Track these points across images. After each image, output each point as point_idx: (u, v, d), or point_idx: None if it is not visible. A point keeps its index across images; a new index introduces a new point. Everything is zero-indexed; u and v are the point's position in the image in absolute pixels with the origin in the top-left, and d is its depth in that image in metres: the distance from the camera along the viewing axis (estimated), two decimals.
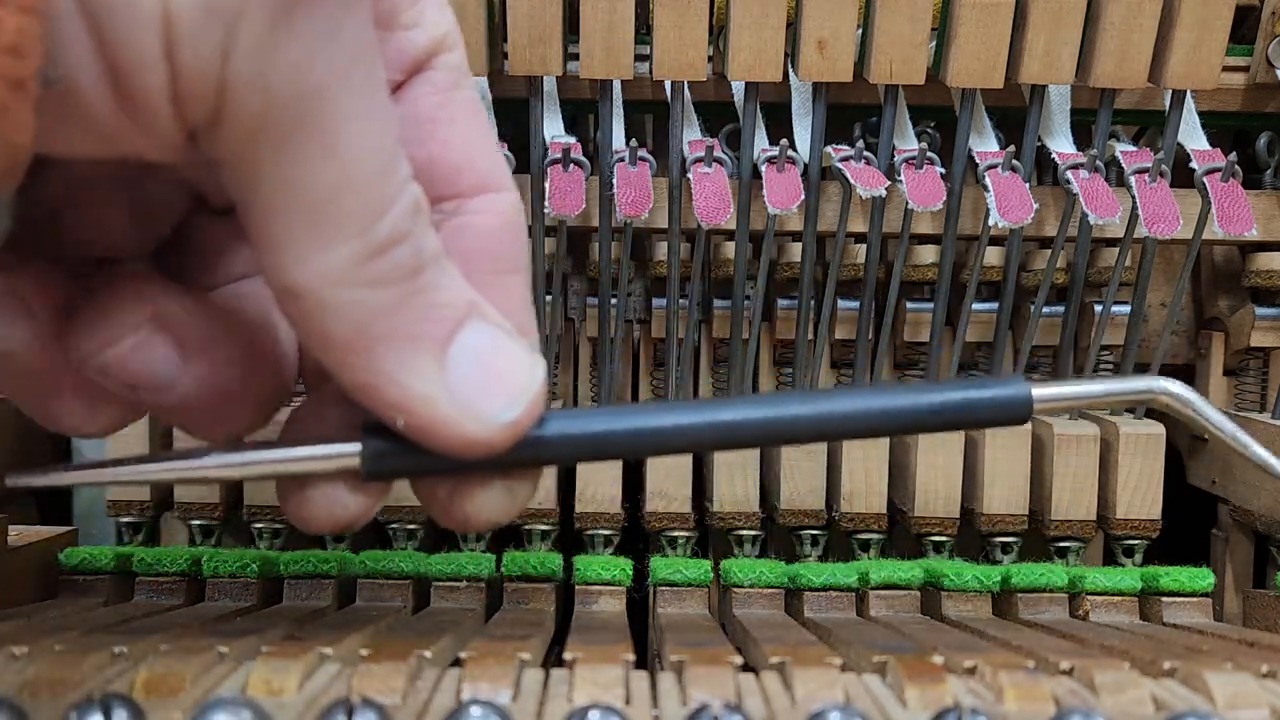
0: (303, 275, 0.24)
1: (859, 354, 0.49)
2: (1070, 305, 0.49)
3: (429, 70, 0.30)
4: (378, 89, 0.25)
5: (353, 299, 0.25)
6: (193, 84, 0.22)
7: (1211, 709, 0.29)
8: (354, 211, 0.24)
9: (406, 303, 0.26)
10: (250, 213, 0.24)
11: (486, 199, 0.31)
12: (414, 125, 0.30)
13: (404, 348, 0.26)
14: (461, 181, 0.30)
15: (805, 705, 0.29)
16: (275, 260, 0.25)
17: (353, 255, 0.24)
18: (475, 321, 0.27)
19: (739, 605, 0.46)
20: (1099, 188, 0.45)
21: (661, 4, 0.43)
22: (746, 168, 0.47)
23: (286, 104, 0.23)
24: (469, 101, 0.31)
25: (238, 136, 0.23)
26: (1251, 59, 0.49)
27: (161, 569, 0.45)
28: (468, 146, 0.30)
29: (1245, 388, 0.52)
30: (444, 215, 0.31)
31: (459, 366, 0.27)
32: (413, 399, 0.26)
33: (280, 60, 0.22)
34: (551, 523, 0.47)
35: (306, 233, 0.24)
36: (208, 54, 0.21)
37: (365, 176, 0.24)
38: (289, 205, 0.24)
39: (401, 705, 0.28)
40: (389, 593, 0.45)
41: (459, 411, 0.27)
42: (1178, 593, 0.46)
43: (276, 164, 0.23)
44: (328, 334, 0.25)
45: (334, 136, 0.23)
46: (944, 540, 0.48)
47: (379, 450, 0.28)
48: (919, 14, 0.44)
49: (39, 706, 0.27)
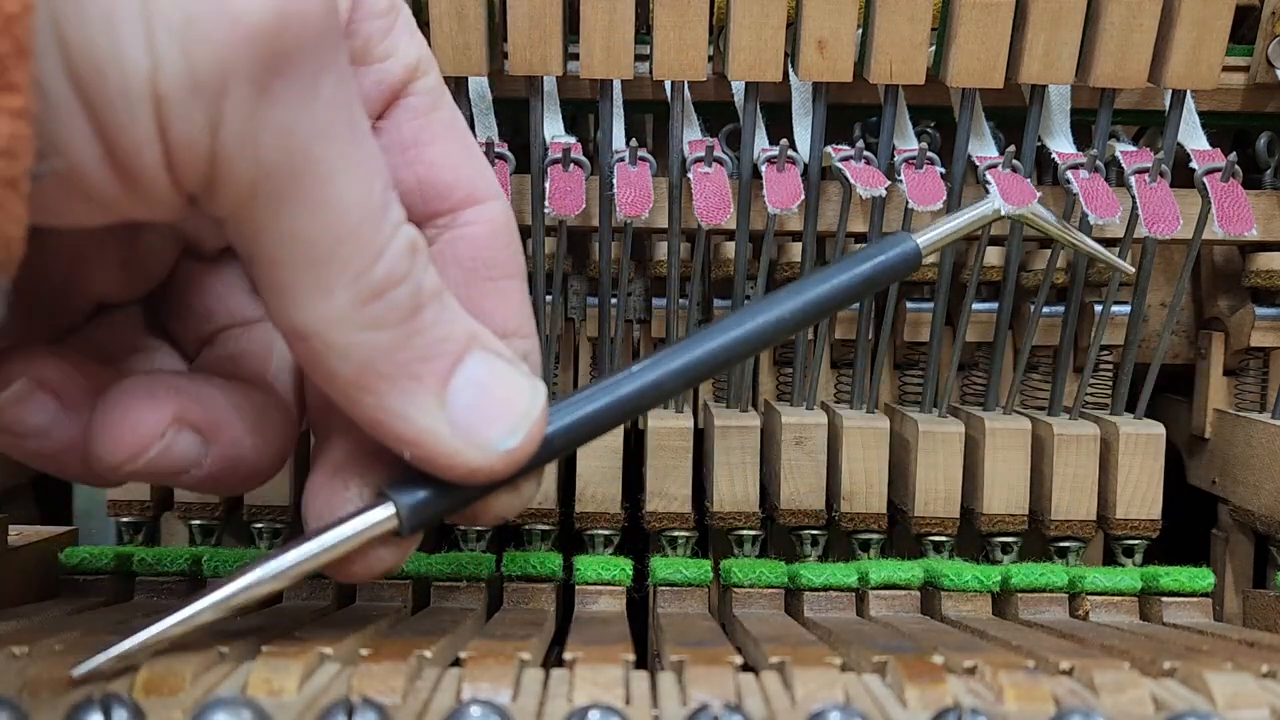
0: (306, 319, 0.26)
1: (859, 353, 0.49)
2: (1070, 305, 0.49)
3: (407, 96, 0.31)
4: (362, 139, 0.26)
5: (355, 340, 0.26)
6: (186, 157, 0.23)
7: (1211, 709, 0.29)
8: (350, 258, 0.25)
9: (407, 342, 0.27)
10: (254, 264, 0.26)
11: (476, 210, 0.32)
12: (399, 150, 0.31)
13: (406, 385, 0.27)
14: (452, 196, 0.32)
15: (805, 705, 0.29)
16: (280, 307, 0.26)
17: (351, 300, 0.26)
18: (476, 353, 0.29)
19: (739, 605, 0.46)
20: (1099, 188, 0.45)
21: (662, 4, 0.43)
22: (746, 168, 0.47)
23: (276, 166, 0.24)
24: (448, 121, 0.32)
25: (233, 199, 0.24)
26: (1251, 59, 0.49)
27: (162, 569, 0.45)
28: (452, 163, 0.32)
29: (1245, 388, 0.52)
30: (439, 230, 0.32)
31: (460, 399, 0.28)
32: (417, 433, 0.28)
33: (265, 127, 0.24)
34: (551, 523, 0.47)
35: (307, 280, 0.25)
36: (198, 129, 0.23)
37: (358, 225, 0.25)
38: (288, 257, 0.25)
39: (401, 705, 0.28)
40: (389, 592, 0.45)
41: (462, 442, 0.28)
42: (1178, 593, 0.46)
43: (273, 221, 0.25)
44: (334, 373, 0.27)
45: (324, 191, 0.25)
46: (944, 540, 0.48)
47: (411, 506, 0.29)
48: (919, 14, 0.44)
49: (39, 706, 0.27)
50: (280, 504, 0.47)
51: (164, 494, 0.48)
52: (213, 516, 0.47)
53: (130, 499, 0.48)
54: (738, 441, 0.47)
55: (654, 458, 0.47)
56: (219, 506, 0.47)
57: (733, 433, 0.47)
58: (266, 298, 0.26)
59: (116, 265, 0.32)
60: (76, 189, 0.23)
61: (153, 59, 0.22)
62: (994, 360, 0.50)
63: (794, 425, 0.47)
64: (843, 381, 0.53)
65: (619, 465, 0.47)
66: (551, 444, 0.30)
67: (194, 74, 0.22)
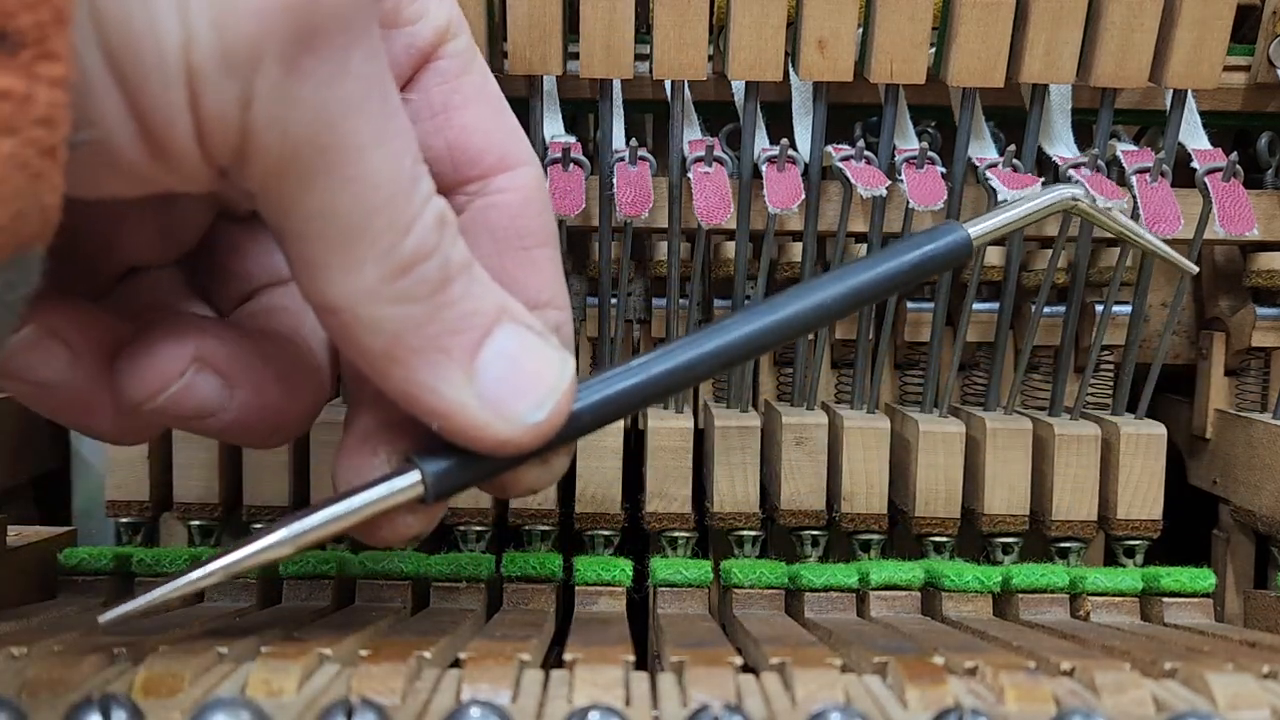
0: (336, 294, 0.26)
1: (859, 353, 0.49)
2: (1071, 305, 0.49)
3: (437, 60, 0.31)
4: (392, 113, 0.26)
5: (384, 314, 0.26)
6: (217, 131, 0.23)
7: (1212, 710, 0.29)
8: (380, 233, 0.26)
9: (435, 316, 0.27)
10: (284, 238, 0.26)
11: (508, 176, 0.32)
12: (428, 115, 0.31)
13: (435, 358, 0.27)
14: (482, 163, 0.31)
15: (805, 706, 0.29)
16: (310, 281, 0.26)
17: (381, 274, 0.26)
18: (505, 325, 0.29)
19: (739, 606, 0.46)
20: (1101, 182, 0.45)
21: (662, 3, 0.43)
22: (747, 167, 0.47)
23: (306, 140, 0.24)
24: (479, 84, 0.32)
25: (264, 173, 0.24)
26: (1252, 58, 0.49)
27: (161, 569, 0.45)
28: (483, 129, 0.31)
29: (1246, 388, 0.52)
30: (470, 197, 0.32)
31: (489, 372, 0.28)
32: (445, 406, 0.28)
33: (296, 101, 0.24)
34: (551, 523, 0.47)
35: (337, 255, 0.25)
36: (229, 103, 0.23)
37: (388, 200, 0.25)
38: (319, 231, 0.25)
39: (401, 706, 0.28)
40: (388, 593, 0.45)
41: (490, 415, 0.28)
42: (1179, 593, 0.46)
43: (303, 195, 0.25)
44: (364, 347, 0.27)
45: (355, 166, 0.25)
46: (945, 541, 0.48)
47: (437, 473, 0.29)
48: (919, 13, 0.44)
49: (38, 707, 0.27)
50: (280, 504, 0.47)
51: (163, 495, 0.48)
52: (212, 517, 0.47)
53: (129, 500, 0.47)
54: (738, 442, 0.47)
55: (654, 458, 0.47)
56: (218, 507, 0.47)
57: (733, 433, 0.47)
58: (296, 272, 0.26)
59: (151, 230, 0.32)
60: (109, 161, 0.23)
61: (186, 32, 0.22)
62: (995, 360, 0.50)
63: (794, 425, 0.47)
64: (843, 381, 0.53)
65: (619, 466, 0.47)
66: (580, 420, 0.30)
67: (226, 48, 0.23)
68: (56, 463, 0.55)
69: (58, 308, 0.29)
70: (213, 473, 0.47)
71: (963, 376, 0.53)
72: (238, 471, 0.47)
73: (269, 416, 0.31)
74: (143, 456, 0.47)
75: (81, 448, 0.55)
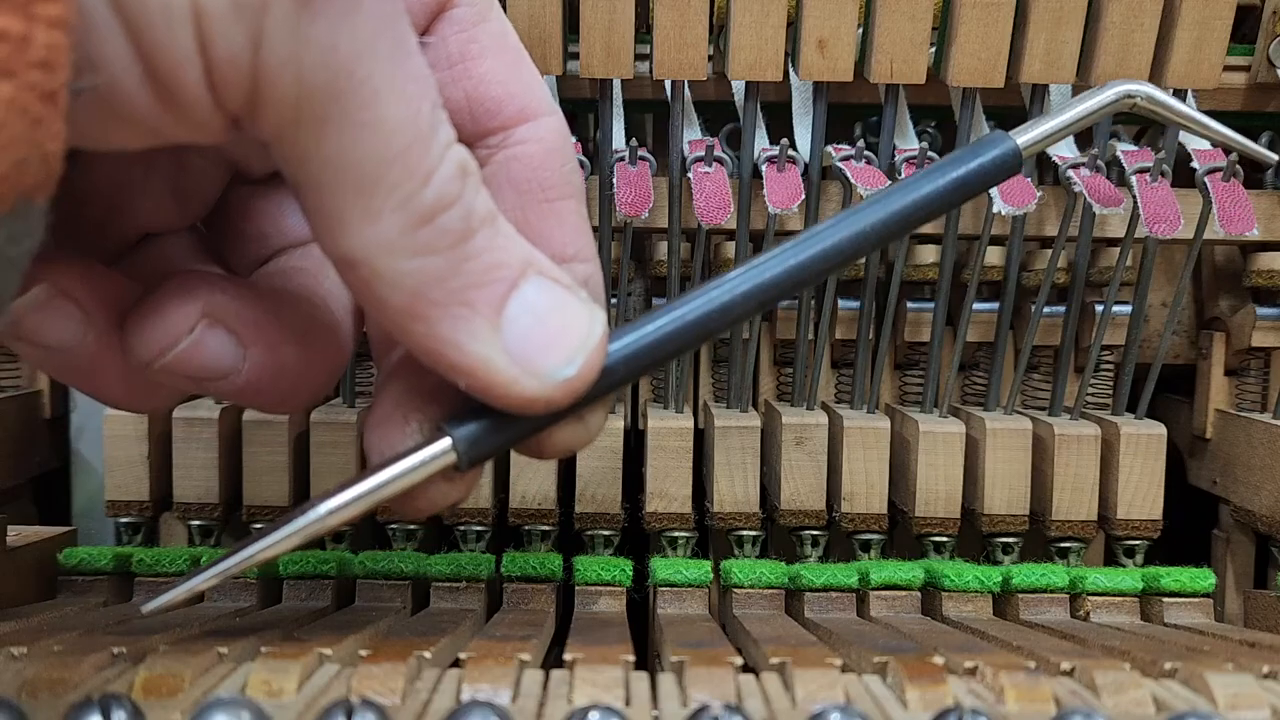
0: (355, 246, 0.25)
1: (859, 353, 0.49)
2: (1071, 305, 0.49)
3: (453, 8, 0.30)
4: (408, 55, 0.25)
5: (406, 267, 0.25)
6: (227, 76, 0.23)
7: (1212, 710, 0.29)
8: (398, 182, 0.25)
9: (459, 268, 0.26)
10: (301, 189, 0.25)
11: (529, 127, 0.31)
12: (446, 66, 0.30)
13: (459, 312, 0.26)
14: (502, 113, 0.31)
15: (806, 706, 0.29)
16: (329, 233, 0.25)
17: (401, 224, 0.25)
18: (532, 278, 0.27)
19: (739, 606, 0.46)
20: (1100, 182, 0.45)
21: (662, 3, 0.43)
22: (747, 167, 0.47)
23: (319, 84, 0.23)
24: (497, 33, 0.31)
25: (278, 119, 0.23)
26: (1252, 58, 0.49)
27: (160, 569, 0.45)
28: (502, 78, 0.31)
29: (1246, 388, 0.52)
30: (491, 149, 0.31)
31: (516, 326, 0.27)
32: (471, 362, 0.27)
33: (308, 43, 0.23)
34: (551, 523, 0.47)
35: (355, 205, 0.25)
36: (239, 46, 0.22)
37: (406, 147, 0.24)
38: (335, 180, 0.24)
39: (401, 706, 0.28)
40: (388, 593, 0.45)
41: (519, 371, 0.27)
42: (1179, 593, 0.46)
43: (319, 142, 0.24)
44: (385, 301, 0.26)
45: (370, 112, 0.24)
46: (945, 541, 0.48)
47: (468, 439, 0.28)
48: (920, 13, 0.44)
49: (38, 707, 0.27)
50: (279, 505, 0.47)
51: (163, 495, 0.48)
52: (211, 517, 0.47)
53: (129, 499, 0.47)
54: (738, 442, 0.47)
55: (654, 458, 0.47)
56: (218, 507, 0.47)
57: (733, 433, 0.47)
58: (314, 224, 0.25)
59: (164, 192, 0.31)
60: (116, 110, 0.23)
61: None
62: (995, 360, 0.50)
63: (794, 425, 0.47)
64: (843, 381, 0.53)
65: (619, 465, 0.47)
66: (614, 373, 0.29)
67: None
68: (56, 463, 0.55)
69: (69, 267, 0.28)
70: (213, 473, 0.47)
71: (963, 376, 0.53)
72: (238, 472, 0.47)
73: (286, 378, 0.30)
74: (143, 456, 0.47)
75: (82, 448, 0.55)
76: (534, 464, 0.47)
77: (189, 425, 0.47)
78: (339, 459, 0.47)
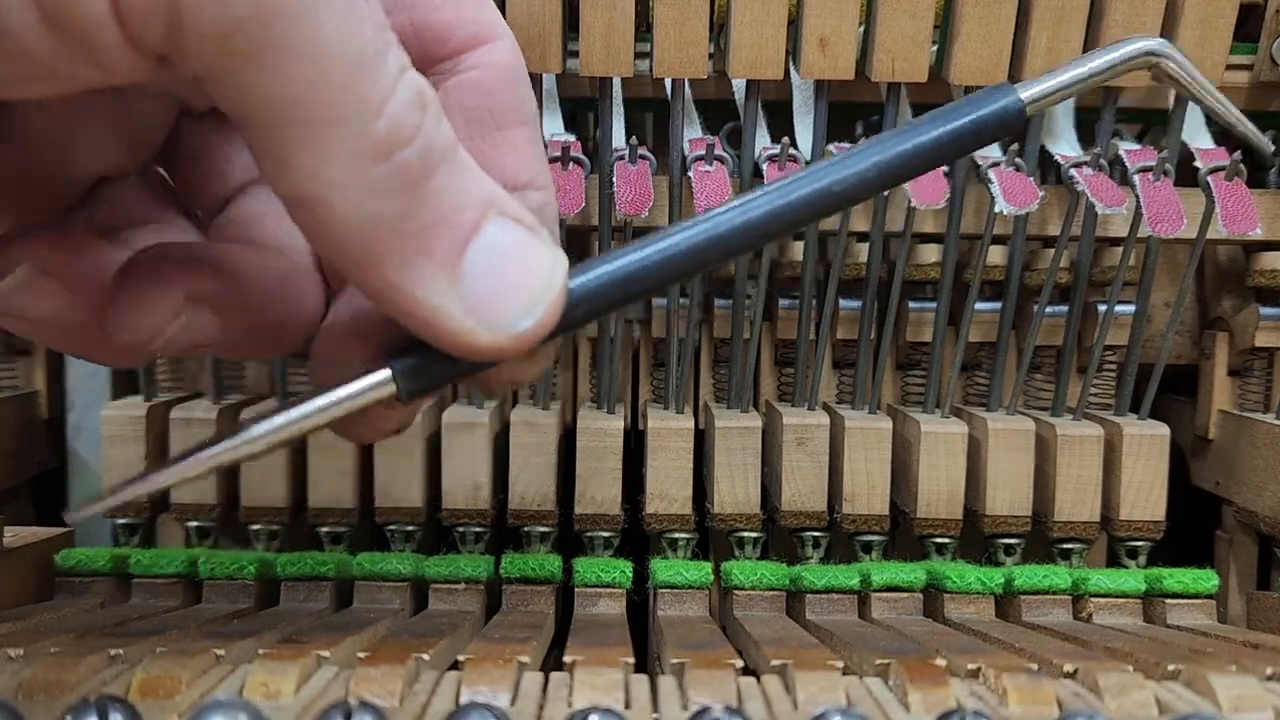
0: (305, 187, 0.23)
1: (861, 353, 0.49)
2: (1073, 305, 0.49)
3: None
4: None
5: (359, 210, 0.23)
6: (138, 8, 0.21)
7: (1215, 711, 0.29)
8: (346, 115, 0.23)
9: (416, 211, 0.24)
10: (245, 128, 0.23)
11: (480, 52, 0.29)
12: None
13: (415, 259, 0.25)
14: (452, 39, 0.29)
15: (807, 708, 0.29)
16: (276, 173, 0.23)
17: (352, 162, 0.23)
18: (494, 220, 0.26)
19: (740, 607, 0.46)
20: (1103, 181, 0.45)
21: (662, 1, 0.43)
22: (748, 166, 0.47)
23: (248, 10, 0.21)
24: None
25: (205, 53, 0.21)
26: (1256, 57, 0.48)
27: (158, 571, 0.45)
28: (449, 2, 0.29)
29: (1249, 388, 0.52)
30: (440, 76, 0.29)
31: (473, 273, 0.25)
32: (424, 310, 0.25)
33: None
34: (551, 524, 0.47)
35: (301, 142, 0.23)
36: None
37: (349, 74, 0.22)
38: (277, 116, 0.22)
39: (399, 708, 0.28)
40: (387, 595, 0.45)
41: (473, 322, 0.26)
42: (1181, 594, 0.46)
43: (256, 75, 0.22)
44: (338, 246, 0.24)
45: (307, 35, 0.22)
46: (946, 542, 0.48)
47: (408, 372, 0.27)
48: (921, 11, 0.44)
49: (35, 708, 0.27)
50: (278, 505, 0.47)
51: (160, 496, 0.48)
52: (209, 518, 0.47)
53: (126, 501, 0.47)
54: (739, 442, 0.47)
55: (654, 459, 0.47)
56: (215, 508, 0.47)
57: (734, 434, 0.47)
58: (262, 165, 0.24)
59: (108, 136, 0.29)
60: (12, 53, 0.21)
61: None
62: (997, 360, 0.50)
63: (795, 426, 0.47)
64: (844, 382, 0.53)
65: (619, 467, 0.47)
66: (573, 313, 0.27)
67: None
68: (54, 463, 0.55)
69: (47, 242, 0.27)
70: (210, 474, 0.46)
71: (965, 377, 0.53)
72: (235, 472, 0.47)
73: (267, 331, 0.29)
74: (140, 458, 0.47)
75: (79, 447, 0.55)
76: (534, 465, 0.47)
77: (186, 426, 0.47)
78: (338, 459, 0.47)
